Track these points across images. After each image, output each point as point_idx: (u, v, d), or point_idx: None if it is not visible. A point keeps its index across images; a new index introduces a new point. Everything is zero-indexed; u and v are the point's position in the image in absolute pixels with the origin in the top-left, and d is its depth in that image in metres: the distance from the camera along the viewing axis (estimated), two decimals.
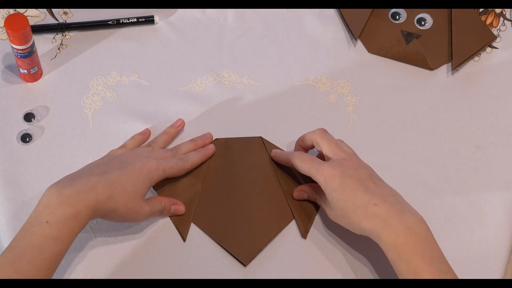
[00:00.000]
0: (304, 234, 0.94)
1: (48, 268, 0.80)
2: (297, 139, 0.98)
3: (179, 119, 1.01)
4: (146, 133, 1.00)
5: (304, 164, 0.92)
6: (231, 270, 0.93)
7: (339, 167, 0.88)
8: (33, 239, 0.80)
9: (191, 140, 0.99)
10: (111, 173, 0.86)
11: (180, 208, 0.94)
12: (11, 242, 0.81)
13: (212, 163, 0.99)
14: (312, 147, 0.96)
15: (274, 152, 0.99)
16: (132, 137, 0.99)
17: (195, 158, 0.97)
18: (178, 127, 1.00)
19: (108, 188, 0.85)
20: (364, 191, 0.86)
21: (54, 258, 0.81)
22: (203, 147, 0.99)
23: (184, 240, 0.94)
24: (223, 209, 0.96)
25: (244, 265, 0.93)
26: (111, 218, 0.88)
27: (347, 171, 0.88)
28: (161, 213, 0.93)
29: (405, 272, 0.82)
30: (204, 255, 0.93)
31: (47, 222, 0.81)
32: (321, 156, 0.95)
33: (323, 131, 0.94)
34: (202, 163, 0.98)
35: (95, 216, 0.85)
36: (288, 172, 0.98)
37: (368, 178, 0.88)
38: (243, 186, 0.97)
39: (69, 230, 0.82)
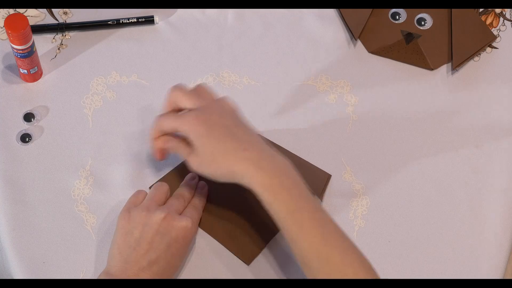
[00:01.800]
0: None
1: None
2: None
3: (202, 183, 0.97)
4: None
5: (168, 121, 0.89)
6: (233, 268, 0.93)
7: (203, 114, 0.87)
8: None
9: (185, 185, 0.96)
10: (160, 262, 0.86)
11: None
12: None
13: None
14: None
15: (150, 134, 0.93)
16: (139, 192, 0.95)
17: (202, 204, 0.95)
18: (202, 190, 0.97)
19: (158, 276, 0.86)
20: (232, 136, 0.85)
21: None
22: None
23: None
24: (223, 209, 0.96)
25: (247, 264, 0.93)
26: None
27: (212, 117, 0.86)
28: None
29: (284, 211, 0.83)
30: (206, 254, 0.93)
31: None
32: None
33: (172, 89, 0.91)
34: None
35: None
36: None
37: (234, 125, 0.87)
38: (242, 186, 0.97)
39: None
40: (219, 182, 0.87)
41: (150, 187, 0.97)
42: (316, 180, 0.98)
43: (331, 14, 1.11)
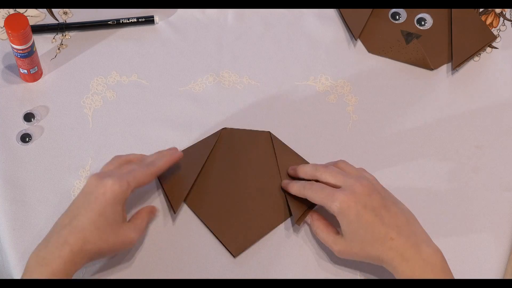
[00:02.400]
0: (297, 221, 0.94)
1: None
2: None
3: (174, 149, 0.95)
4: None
5: (317, 194, 0.89)
6: (220, 262, 0.93)
7: (352, 195, 0.86)
8: None
9: (158, 152, 0.95)
10: (79, 216, 0.84)
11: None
12: None
13: (217, 150, 0.99)
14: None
15: (284, 183, 0.95)
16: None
17: (161, 161, 0.91)
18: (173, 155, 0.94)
19: (80, 235, 0.83)
20: (381, 223, 0.85)
21: None
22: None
23: (174, 212, 0.94)
24: (220, 197, 0.96)
25: (234, 257, 0.93)
26: (100, 258, 0.87)
27: (361, 199, 0.86)
28: (148, 223, 0.92)
29: None
30: (196, 250, 0.94)
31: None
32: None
33: (316, 169, 0.92)
34: (204, 151, 0.98)
35: (82, 265, 0.83)
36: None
37: (382, 206, 0.86)
38: (244, 178, 0.97)
39: None
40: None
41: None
42: None
43: (331, 14, 1.11)
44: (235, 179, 0.97)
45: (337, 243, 0.89)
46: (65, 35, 1.07)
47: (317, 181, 0.92)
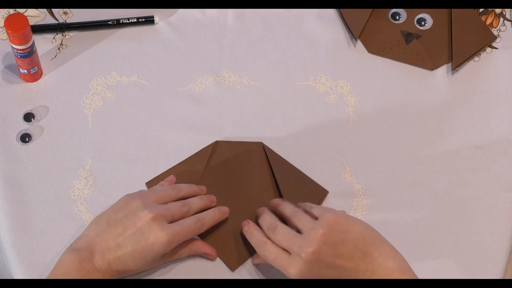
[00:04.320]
0: None
1: None
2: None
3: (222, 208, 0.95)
4: (172, 181, 0.97)
5: (272, 262, 0.88)
6: (221, 263, 0.93)
7: (304, 265, 0.85)
8: None
9: (201, 197, 0.95)
10: (125, 250, 0.86)
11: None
12: None
13: (210, 164, 0.99)
14: None
15: (250, 226, 0.92)
16: (161, 185, 0.96)
17: (210, 220, 0.93)
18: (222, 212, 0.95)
19: (121, 267, 0.87)
20: (339, 272, 0.85)
21: None
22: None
23: None
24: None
25: (232, 270, 0.93)
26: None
27: (313, 265, 0.85)
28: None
29: None
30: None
31: None
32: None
33: (268, 228, 0.89)
34: (198, 165, 0.98)
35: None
36: (286, 180, 0.98)
37: (335, 256, 0.85)
38: (239, 191, 0.97)
39: None
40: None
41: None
42: (312, 195, 0.97)
43: (331, 14, 1.11)
44: (230, 192, 0.97)
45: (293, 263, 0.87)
46: (65, 35, 1.07)
47: None
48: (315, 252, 0.84)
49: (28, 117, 1.01)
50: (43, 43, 1.06)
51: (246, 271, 0.93)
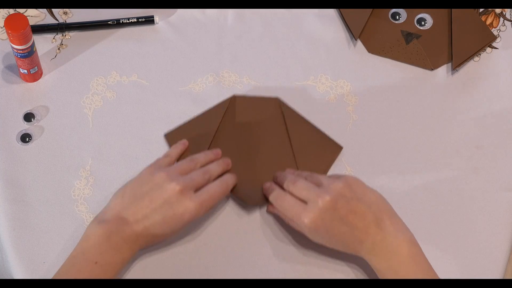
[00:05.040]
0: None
1: None
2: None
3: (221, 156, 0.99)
4: (185, 143, 0.99)
5: (286, 212, 0.91)
6: (221, 263, 0.93)
7: (318, 212, 0.87)
8: (80, 276, 0.85)
9: (218, 163, 0.97)
10: (154, 221, 0.88)
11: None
12: (56, 274, 0.85)
13: (227, 119, 1.01)
14: None
15: (265, 186, 0.96)
16: (176, 147, 0.98)
17: (232, 180, 0.95)
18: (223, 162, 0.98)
19: (150, 238, 0.89)
20: (350, 231, 0.88)
21: None
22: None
23: None
24: (233, 164, 0.98)
25: (248, 204, 0.95)
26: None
27: (327, 214, 0.87)
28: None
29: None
30: (196, 250, 0.94)
31: (96, 263, 0.85)
32: None
33: (286, 180, 0.93)
34: (214, 119, 1.00)
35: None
36: (300, 136, 1.00)
37: (349, 212, 0.87)
38: (255, 145, 1.00)
39: (114, 271, 0.87)
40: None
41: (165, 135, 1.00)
42: (326, 151, 1.00)
43: (331, 14, 1.11)
44: (246, 146, 0.99)
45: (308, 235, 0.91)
46: (65, 35, 1.07)
47: None
48: (332, 200, 0.87)
49: (28, 117, 1.01)
50: (43, 43, 1.06)
51: (246, 271, 0.93)
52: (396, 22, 1.10)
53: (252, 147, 0.99)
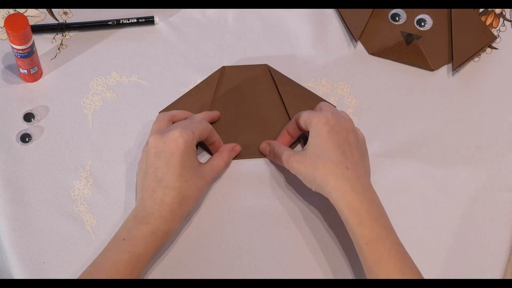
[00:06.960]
0: None
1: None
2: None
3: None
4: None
5: (306, 112, 0.94)
6: (221, 262, 0.93)
7: (336, 119, 0.91)
8: (109, 254, 0.86)
9: (204, 112, 1.00)
10: (164, 177, 0.89)
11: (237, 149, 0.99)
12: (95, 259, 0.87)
13: (219, 90, 1.02)
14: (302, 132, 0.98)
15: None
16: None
17: (215, 113, 1.00)
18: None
19: (175, 193, 0.89)
20: (343, 152, 0.89)
21: (128, 271, 0.85)
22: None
23: None
24: (229, 133, 1.00)
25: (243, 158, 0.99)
26: (194, 205, 0.92)
27: (340, 127, 0.90)
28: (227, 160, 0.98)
29: (366, 238, 0.85)
30: (196, 250, 0.94)
31: (124, 239, 0.86)
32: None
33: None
34: (208, 91, 1.02)
35: (180, 223, 0.91)
36: (292, 98, 1.02)
37: (354, 146, 0.90)
38: (249, 109, 1.02)
39: (146, 245, 0.87)
40: (304, 183, 0.92)
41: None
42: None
43: (331, 14, 1.11)
44: (242, 111, 1.01)
45: (293, 155, 0.92)
46: (65, 35, 1.07)
47: None
48: (349, 121, 0.92)
49: (28, 117, 1.01)
50: (43, 43, 1.06)
51: (246, 271, 0.93)
52: (396, 23, 1.10)
53: (248, 111, 1.01)
